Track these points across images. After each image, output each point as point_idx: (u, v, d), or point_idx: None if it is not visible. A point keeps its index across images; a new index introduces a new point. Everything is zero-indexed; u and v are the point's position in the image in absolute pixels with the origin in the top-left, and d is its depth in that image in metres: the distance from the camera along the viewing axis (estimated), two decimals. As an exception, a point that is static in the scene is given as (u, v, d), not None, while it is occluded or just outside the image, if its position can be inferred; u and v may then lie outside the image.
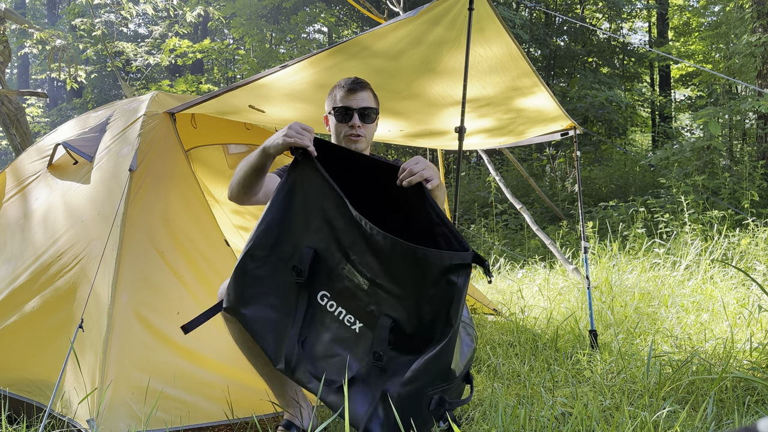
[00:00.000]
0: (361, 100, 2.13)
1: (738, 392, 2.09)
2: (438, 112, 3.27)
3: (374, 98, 2.20)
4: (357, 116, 2.12)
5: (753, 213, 5.62)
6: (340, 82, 2.18)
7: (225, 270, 2.49)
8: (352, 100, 2.13)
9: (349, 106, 2.12)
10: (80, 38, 11.90)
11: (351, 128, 2.12)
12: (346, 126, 2.13)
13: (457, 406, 1.71)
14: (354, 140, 2.14)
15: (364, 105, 2.13)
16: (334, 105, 2.16)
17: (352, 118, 2.12)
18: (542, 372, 2.53)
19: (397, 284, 1.62)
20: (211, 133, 3.42)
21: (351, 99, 2.13)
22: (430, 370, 1.58)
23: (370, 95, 2.18)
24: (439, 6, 2.25)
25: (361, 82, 2.16)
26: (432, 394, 1.61)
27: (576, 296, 4.03)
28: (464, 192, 10.67)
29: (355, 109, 2.12)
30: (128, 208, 2.41)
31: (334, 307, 1.70)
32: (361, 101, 2.13)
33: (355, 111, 2.12)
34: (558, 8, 12.84)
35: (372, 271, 1.65)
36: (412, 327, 1.61)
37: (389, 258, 1.62)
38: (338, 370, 1.66)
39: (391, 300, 1.63)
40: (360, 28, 15.32)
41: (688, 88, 14.29)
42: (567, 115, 3.40)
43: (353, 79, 2.15)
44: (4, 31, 6.64)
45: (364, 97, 2.14)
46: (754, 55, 7.08)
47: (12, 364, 2.36)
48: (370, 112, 2.16)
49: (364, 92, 2.15)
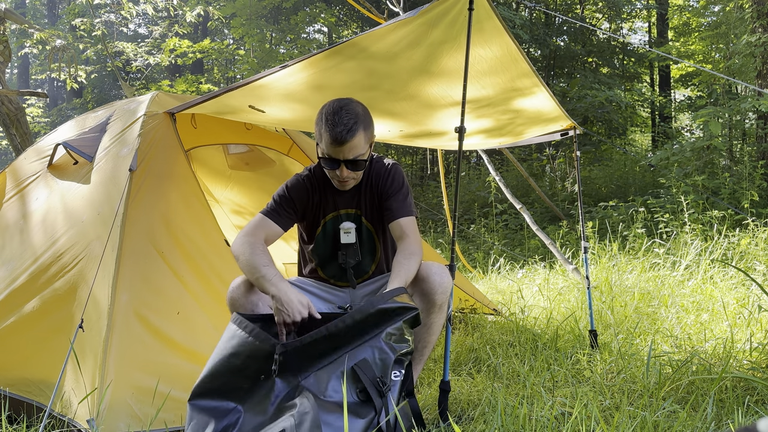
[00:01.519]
0: (348, 152, 1.99)
1: (738, 392, 2.09)
2: (437, 112, 3.27)
3: (365, 135, 2.03)
4: (345, 168, 2.03)
5: (753, 213, 5.62)
6: (326, 120, 1.97)
7: (225, 270, 2.49)
8: (339, 152, 1.99)
9: (337, 159, 2.01)
10: (80, 38, 11.90)
11: (339, 175, 2.06)
12: (335, 173, 2.07)
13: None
14: (342, 184, 2.11)
15: (351, 156, 2.01)
16: (321, 152, 2.05)
17: (340, 168, 2.03)
18: (542, 372, 2.53)
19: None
20: (211, 133, 3.42)
21: (338, 151, 1.99)
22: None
23: (361, 138, 2.00)
24: (439, 6, 2.24)
25: (350, 127, 1.96)
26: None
27: (576, 296, 4.03)
28: (464, 192, 10.67)
29: (342, 161, 2.02)
30: (128, 208, 2.41)
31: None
32: (348, 152, 1.99)
33: (342, 162, 2.02)
34: (558, 8, 12.84)
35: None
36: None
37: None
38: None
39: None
40: (360, 28, 15.32)
41: (688, 88, 14.29)
42: (567, 115, 3.40)
43: (341, 127, 1.95)
44: (4, 31, 6.64)
45: (353, 146, 1.99)
46: (754, 55, 7.08)
47: (12, 364, 2.36)
48: (359, 161, 2.04)
49: (353, 140, 1.97)
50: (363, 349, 1.71)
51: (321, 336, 1.69)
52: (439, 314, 2.02)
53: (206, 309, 2.38)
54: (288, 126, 3.52)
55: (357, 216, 2.20)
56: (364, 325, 1.72)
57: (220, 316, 2.35)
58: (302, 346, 1.70)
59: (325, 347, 1.71)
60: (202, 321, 2.35)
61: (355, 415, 1.61)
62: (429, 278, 1.99)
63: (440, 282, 1.98)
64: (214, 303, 2.40)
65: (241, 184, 4.23)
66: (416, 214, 2.19)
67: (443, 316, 2.05)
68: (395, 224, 2.11)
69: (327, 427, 1.57)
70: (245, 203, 4.34)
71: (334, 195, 2.21)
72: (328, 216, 2.21)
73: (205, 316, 2.37)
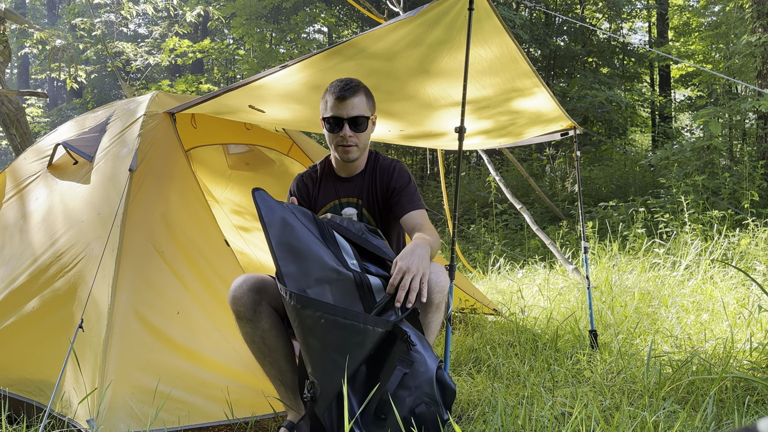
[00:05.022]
0: (351, 109, 2.04)
1: (738, 392, 2.09)
2: (437, 112, 3.26)
3: (367, 101, 2.10)
4: (348, 126, 2.05)
5: (753, 213, 5.62)
6: (331, 87, 2.08)
7: (225, 270, 2.49)
8: (342, 109, 2.03)
9: (339, 116, 2.04)
10: (80, 38, 11.91)
11: (342, 138, 2.08)
12: (338, 136, 2.08)
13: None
14: (346, 150, 2.11)
15: (354, 114, 2.04)
16: (324, 114, 2.09)
17: (343, 128, 2.05)
18: (542, 372, 2.53)
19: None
20: (211, 133, 3.42)
21: (341, 108, 2.03)
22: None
23: (362, 100, 2.07)
24: (438, 6, 2.24)
25: (351, 87, 2.04)
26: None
27: (576, 296, 4.03)
28: (464, 192, 10.67)
29: (345, 119, 2.04)
30: (128, 208, 2.40)
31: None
32: (351, 110, 2.04)
33: (345, 121, 2.04)
34: (558, 8, 12.84)
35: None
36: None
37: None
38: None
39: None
40: (360, 28, 15.32)
41: (688, 88, 14.29)
42: (567, 115, 3.40)
43: (343, 85, 2.04)
44: (4, 31, 6.64)
45: (355, 104, 2.04)
46: (754, 55, 7.08)
47: (12, 364, 2.36)
48: (362, 120, 2.07)
49: (355, 98, 2.04)
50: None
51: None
52: (437, 314, 2.01)
53: (206, 309, 2.38)
54: (288, 126, 3.52)
55: (358, 205, 2.24)
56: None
57: (220, 316, 2.35)
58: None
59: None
60: (202, 321, 2.35)
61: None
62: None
63: (437, 281, 1.97)
64: (214, 303, 2.40)
65: (241, 184, 4.23)
66: (425, 206, 2.21)
67: (441, 316, 2.04)
68: (408, 217, 2.11)
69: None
70: (245, 203, 4.34)
71: (336, 184, 2.24)
72: (329, 204, 2.24)
73: (205, 316, 2.36)
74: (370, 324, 1.66)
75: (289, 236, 1.70)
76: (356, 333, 1.66)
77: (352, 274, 1.72)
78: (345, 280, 1.70)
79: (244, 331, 1.96)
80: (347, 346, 1.66)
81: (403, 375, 1.66)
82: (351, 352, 1.66)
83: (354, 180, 2.24)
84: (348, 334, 1.66)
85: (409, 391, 1.67)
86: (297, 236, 1.71)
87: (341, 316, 1.65)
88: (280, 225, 1.71)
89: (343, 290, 1.70)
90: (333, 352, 1.66)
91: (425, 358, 1.70)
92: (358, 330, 1.65)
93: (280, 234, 1.70)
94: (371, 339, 1.68)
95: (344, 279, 1.70)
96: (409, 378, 1.67)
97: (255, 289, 1.98)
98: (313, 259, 1.69)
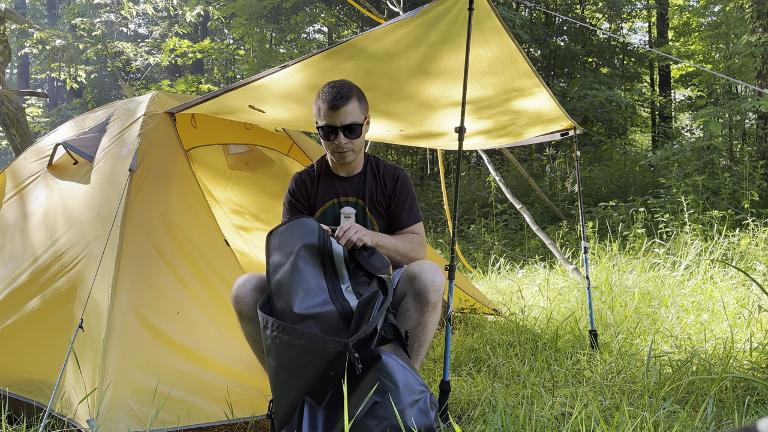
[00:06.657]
0: (344, 117, 2.06)
1: (738, 392, 2.09)
2: (437, 112, 3.26)
3: (360, 105, 2.11)
4: (342, 134, 2.07)
5: (753, 213, 5.62)
6: (322, 93, 2.09)
7: (225, 270, 2.49)
8: (335, 118, 2.05)
9: (333, 125, 2.06)
10: (80, 38, 11.91)
11: (337, 146, 2.10)
12: (333, 143, 2.11)
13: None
14: (342, 156, 2.14)
15: (348, 122, 2.06)
16: (318, 122, 2.11)
17: (338, 136, 2.08)
18: (542, 372, 2.53)
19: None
20: (211, 133, 3.42)
21: (334, 117, 2.05)
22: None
23: (355, 106, 2.08)
24: (438, 6, 2.24)
25: (343, 94, 2.05)
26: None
27: (576, 296, 4.03)
28: (464, 192, 10.67)
29: (339, 127, 2.06)
30: (128, 208, 2.40)
31: None
32: (344, 118, 2.06)
33: (339, 129, 2.06)
34: (558, 8, 12.83)
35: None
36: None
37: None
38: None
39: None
40: (360, 28, 15.32)
41: (688, 88, 14.28)
42: (567, 115, 3.40)
43: (335, 93, 2.05)
44: (4, 31, 6.64)
45: (348, 112, 2.06)
46: (754, 55, 7.08)
47: (12, 364, 2.36)
48: (356, 127, 2.09)
49: (348, 105, 2.06)
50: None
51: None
52: (434, 313, 2.00)
53: (206, 309, 2.38)
54: (287, 126, 3.52)
55: (360, 206, 2.25)
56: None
57: (220, 316, 2.35)
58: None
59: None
60: (202, 321, 2.35)
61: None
62: (421, 276, 1.97)
63: (432, 280, 1.96)
64: (214, 303, 2.40)
65: (241, 184, 4.23)
66: (422, 218, 2.32)
67: (438, 315, 2.03)
68: (404, 232, 2.26)
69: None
70: (245, 203, 4.34)
71: (335, 183, 2.26)
72: (328, 203, 2.26)
73: (205, 316, 2.37)
74: (319, 344, 1.68)
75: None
76: (306, 353, 1.68)
77: (334, 307, 1.78)
78: (329, 314, 1.78)
79: (246, 331, 1.96)
80: (298, 366, 1.70)
81: (373, 403, 1.64)
82: (300, 372, 1.69)
83: (353, 180, 2.26)
84: (298, 354, 1.69)
85: (378, 421, 1.63)
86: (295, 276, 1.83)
87: (292, 335, 1.68)
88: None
89: (329, 324, 1.77)
90: (284, 372, 1.71)
91: (400, 391, 1.67)
92: (308, 350, 1.68)
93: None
94: (323, 359, 1.68)
95: (328, 313, 1.79)
96: (379, 408, 1.64)
97: (258, 289, 1.98)
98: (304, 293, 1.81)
